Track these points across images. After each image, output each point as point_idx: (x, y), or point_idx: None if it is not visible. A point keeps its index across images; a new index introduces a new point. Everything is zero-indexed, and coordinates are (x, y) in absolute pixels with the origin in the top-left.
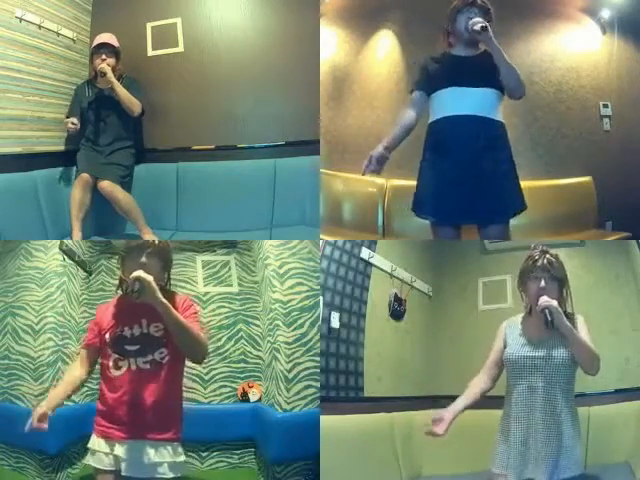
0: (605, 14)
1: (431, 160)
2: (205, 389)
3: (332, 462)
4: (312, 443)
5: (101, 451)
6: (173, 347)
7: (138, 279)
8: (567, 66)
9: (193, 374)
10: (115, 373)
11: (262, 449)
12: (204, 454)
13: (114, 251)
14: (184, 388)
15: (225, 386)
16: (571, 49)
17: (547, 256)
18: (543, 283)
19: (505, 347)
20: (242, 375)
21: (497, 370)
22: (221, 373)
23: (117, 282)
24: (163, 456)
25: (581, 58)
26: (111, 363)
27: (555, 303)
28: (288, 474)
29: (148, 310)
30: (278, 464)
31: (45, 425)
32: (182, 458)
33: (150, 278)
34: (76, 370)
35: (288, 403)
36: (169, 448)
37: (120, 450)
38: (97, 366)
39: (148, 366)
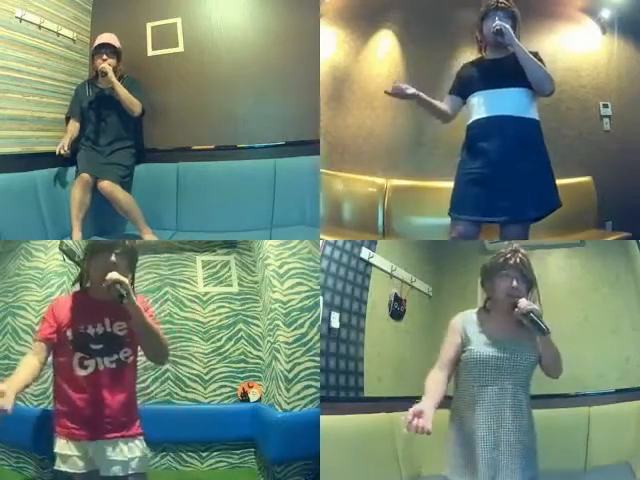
0: (605, 14)
1: (466, 161)
2: (205, 389)
3: (332, 462)
4: (312, 443)
5: (73, 455)
6: (135, 347)
7: (118, 282)
8: (567, 66)
9: (193, 374)
10: (81, 372)
11: (262, 449)
12: (204, 454)
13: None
14: (184, 388)
15: (225, 386)
16: (571, 49)
17: (519, 255)
18: (515, 283)
19: (465, 344)
20: (242, 375)
21: (453, 368)
22: (221, 373)
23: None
24: (134, 452)
25: (581, 58)
26: (75, 362)
27: (536, 306)
28: (288, 474)
29: (110, 309)
30: (278, 464)
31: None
32: (148, 451)
33: (127, 280)
34: (34, 362)
35: (288, 403)
36: (137, 443)
37: (94, 451)
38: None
39: (114, 365)
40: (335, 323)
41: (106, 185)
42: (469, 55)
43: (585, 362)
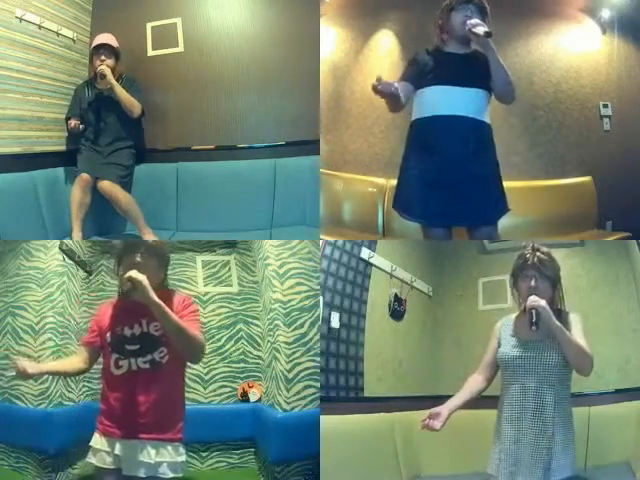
0: (605, 14)
1: (417, 160)
2: (205, 389)
3: (332, 462)
4: (312, 443)
5: (103, 450)
6: (173, 347)
7: (130, 279)
8: (567, 66)
9: (193, 374)
10: (115, 372)
11: (262, 449)
12: (204, 454)
13: (114, 251)
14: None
15: (225, 386)
16: (571, 49)
17: (538, 254)
18: (533, 282)
19: (499, 347)
20: (242, 375)
21: (492, 370)
22: (221, 373)
23: (117, 282)
24: (163, 456)
25: (581, 58)
26: (112, 362)
27: (543, 303)
28: (288, 474)
29: (148, 309)
30: (278, 464)
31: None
32: (183, 458)
33: (142, 277)
34: (73, 358)
35: (288, 403)
36: (169, 448)
37: (120, 449)
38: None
39: (148, 365)
40: (335, 323)
41: (106, 185)
42: None
43: None
